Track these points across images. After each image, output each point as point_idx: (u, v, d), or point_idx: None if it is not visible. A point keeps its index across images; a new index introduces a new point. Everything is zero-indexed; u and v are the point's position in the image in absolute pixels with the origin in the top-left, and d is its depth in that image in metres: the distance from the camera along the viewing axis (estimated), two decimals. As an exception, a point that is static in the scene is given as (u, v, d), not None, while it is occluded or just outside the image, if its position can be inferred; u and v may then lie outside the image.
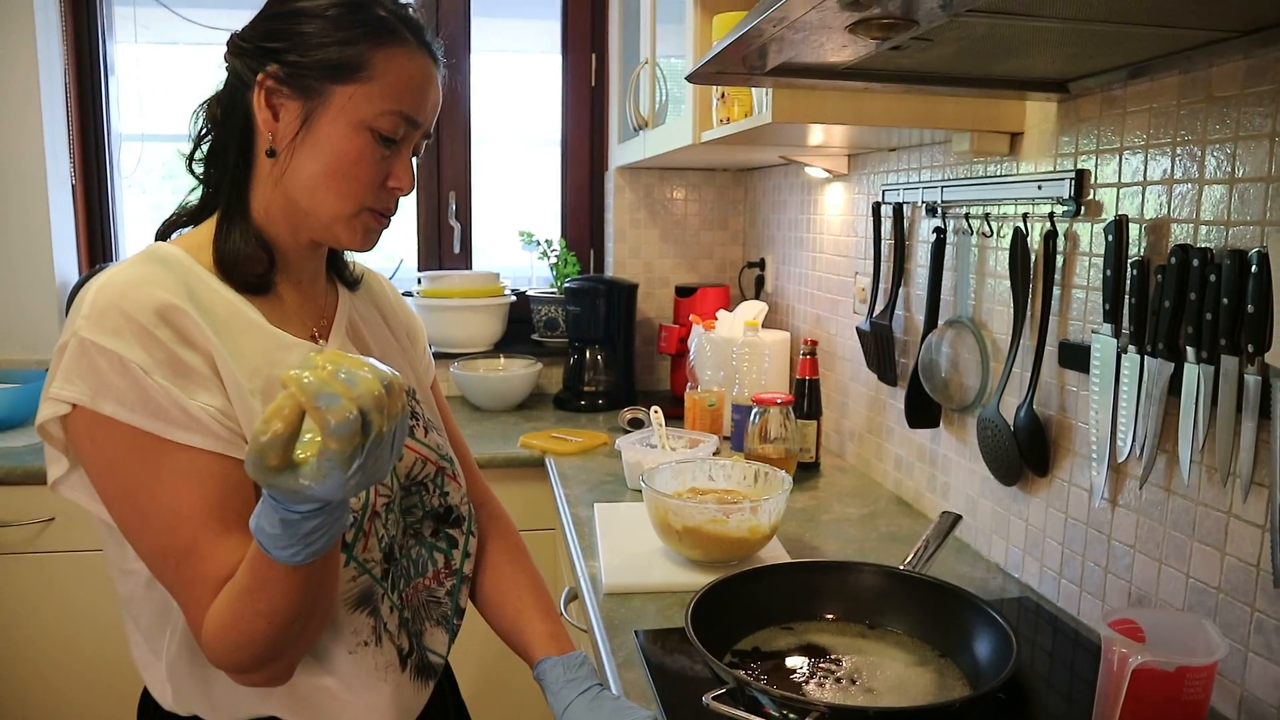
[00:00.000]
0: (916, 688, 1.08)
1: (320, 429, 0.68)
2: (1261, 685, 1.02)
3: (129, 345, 0.81)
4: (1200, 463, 1.09)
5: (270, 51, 0.90)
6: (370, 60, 0.89)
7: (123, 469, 0.83)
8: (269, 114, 0.90)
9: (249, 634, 0.81)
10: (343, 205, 0.93)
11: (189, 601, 0.83)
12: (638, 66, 2.24)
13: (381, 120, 0.90)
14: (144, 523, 0.84)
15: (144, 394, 0.81)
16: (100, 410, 0.81)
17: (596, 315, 2.67)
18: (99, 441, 0.82)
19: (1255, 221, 1.01)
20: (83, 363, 0.81)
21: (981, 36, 0.97)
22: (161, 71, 2.96)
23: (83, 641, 2.18)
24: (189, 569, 0.82)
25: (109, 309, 0.82)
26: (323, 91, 0.89)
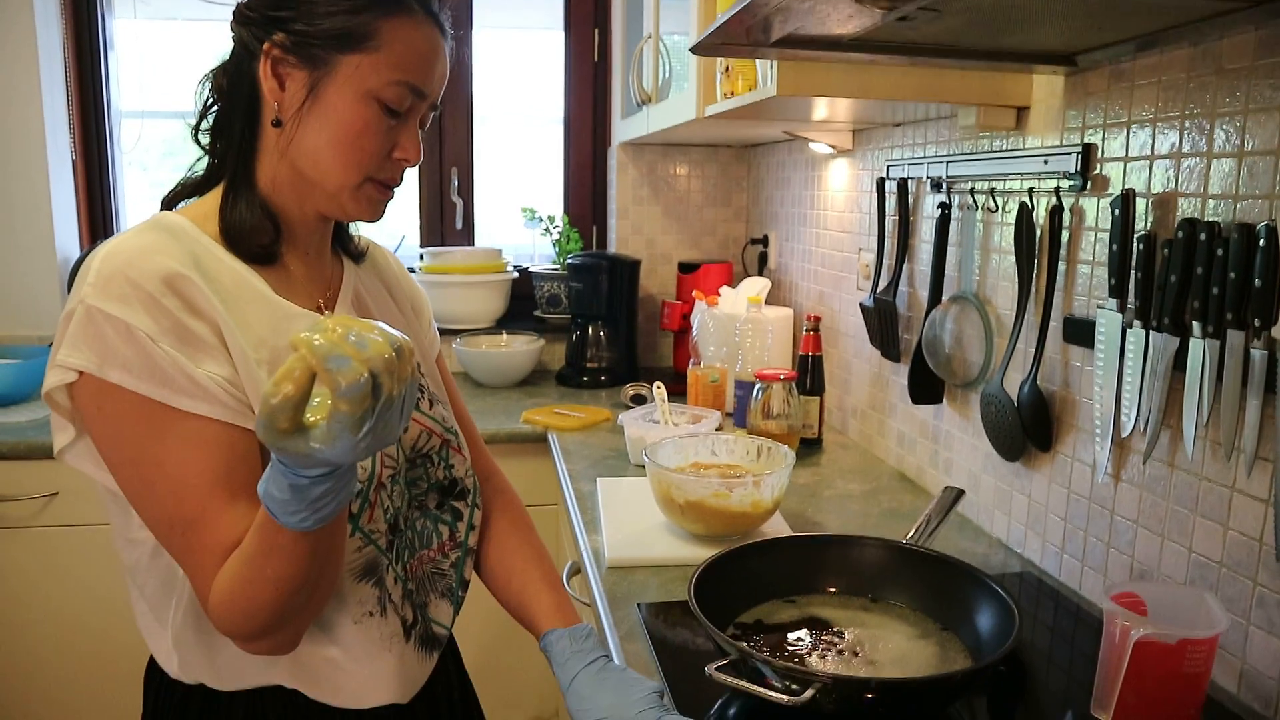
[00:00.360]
0: (918, 660, 1.08)
1: (331, 391, 0.68)
2: (1262, 659, 1.03)
3: (136, 313, 0.81)
4: (1204, 438, 1.09)
5: (277, 20, 0.89)
6: (377, 30, 0.89)
7: (129, 437, 0.82)
8: (275, 83, 0.90)
9: (256, 601, 0.81)
10: (348, 175, 0.92)
11: (196, 569, 0.83)
12: (641, 41, 2.22)
13: (388, 91, 0.90)
14: (150, 491, 0.83)
15: (151, 362, 0.81)
16: (107, 378, 0.80)
17: (599, 291, 2.67)
18: (106, 409, 0.82)
19: (1264, 195, 1.00)
20: (90, 330, 0.81)
21: (989, 7, 0.96)
22: (162, 47, 2.95)
23: (86, 616, 2.20)
24: (196, 537, 0.82)
25: (115, 276, 0.82)
26: (329, 61, 0.89)
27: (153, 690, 1.00)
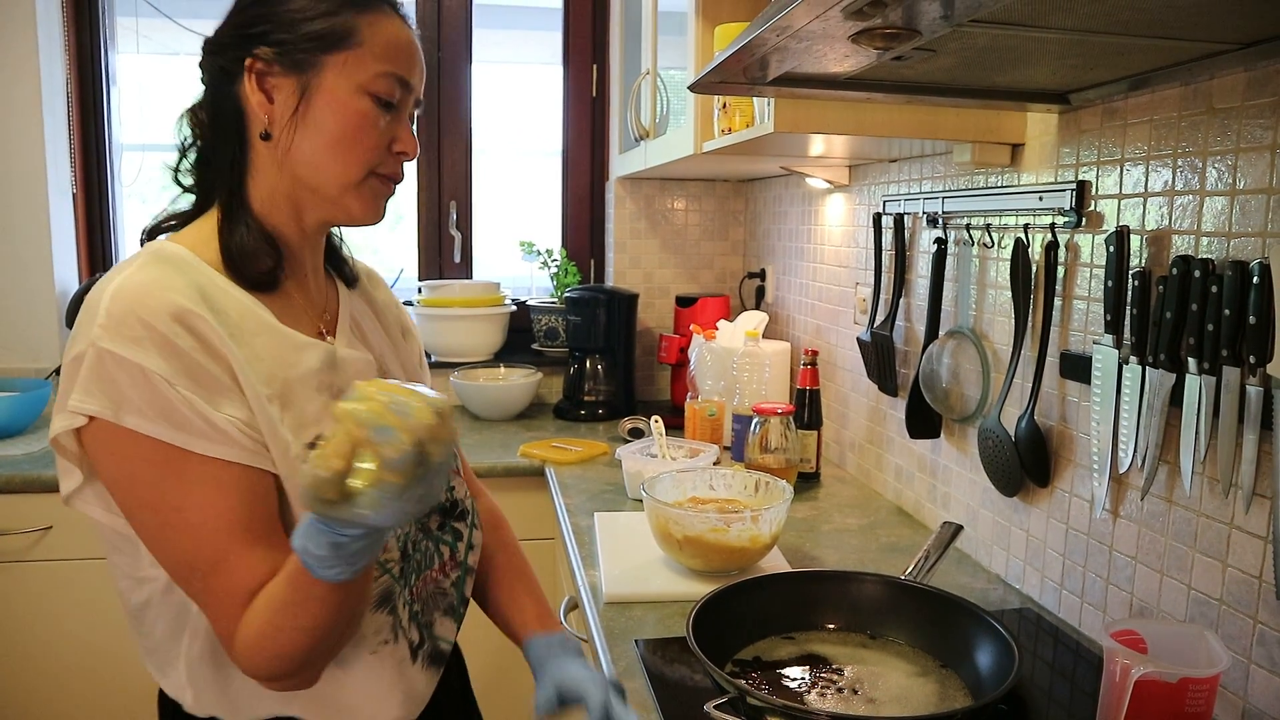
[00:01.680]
0: (918, 698, 1.08)
1: (377, 463, 0.68)
2: (1264, 697, 1.02)
3: (150, 355, 0.80)
4: (1202, 474, 1.09)
5: (253, 37, 0.89)
6: (357, 26, 0.90)
7: (147, 482, 0.81)
8: (263, 97, 0.90)
9: (288, 646, 0.82)
10: (349, 172, 0.92)
11: (218, 613, 0.83)
12: (639, 77, 2.25)
13: (378, 83, 0.91)
14: (169, 535, 0.83)
15: (167, 406, 0.80)
16: (123, 423, 0.79)
17: (597, 325, 2.67)
18: (120, 455, 0.81)
19: (1256, 233, 1.01)
20: (102, 374, 0.79)
21: (983, 47, 0.97)
22: (163, 81, 2.97)
23: (81, 649, 2.17)
24: (218, 581, 0.82)
25: (127, 316, 0.80)
26: (316, 63, 0.89)
27: (164, 712, 0.99)
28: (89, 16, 2.74)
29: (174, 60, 2.99)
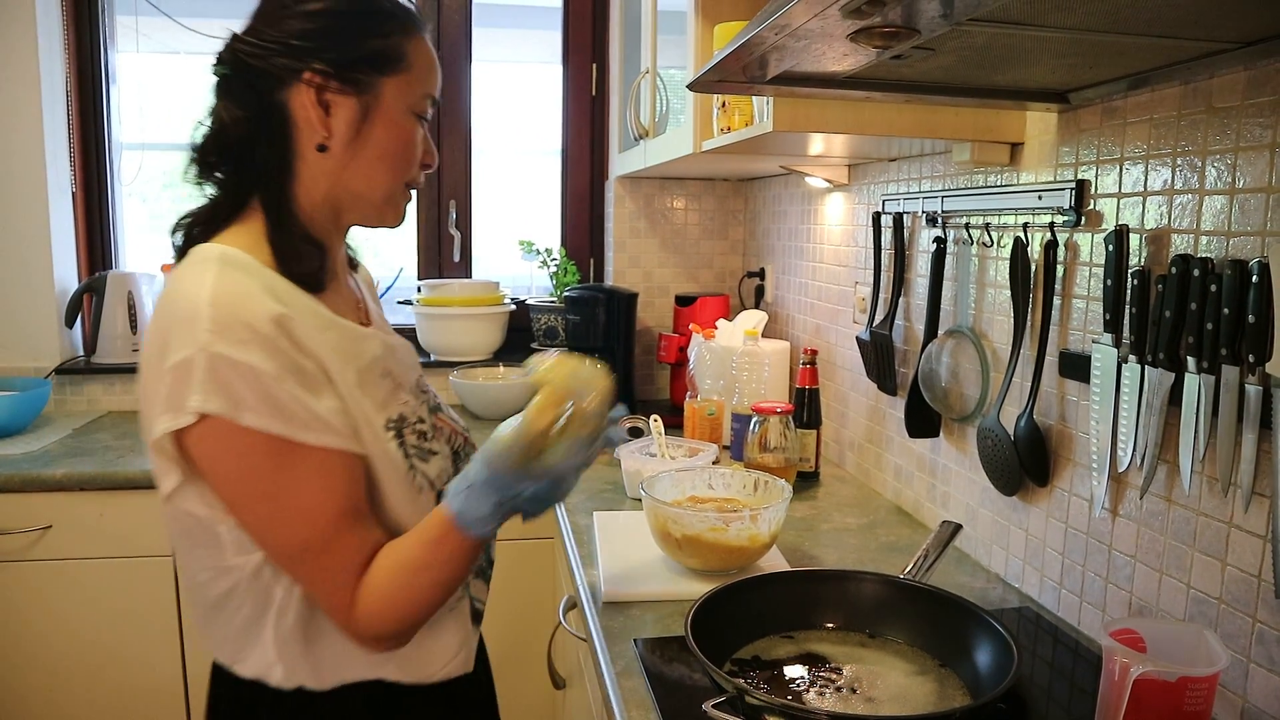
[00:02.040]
0: (917, 697, 1.08)
1: (576, 418, 0.86)
2: (1263, 696, 1.02)
3: (258, 356, 0.85)
4: (1201, 473, 1.09)
5: (307, 50, 0.92)
6: (405, 50, 0.97)
7: (261, 473, 0.87)
8: (320, 111, 0.94)
9: (417, 605, 0.93)
10: (395, 185, 1.00)
11: (334, 588, 0.90)
12: (639, 76, 2.25)
13: (421, 103, 1.00)
14: (282, 521, 0.89)
15: (277, 402, 0.86)
16: (241, 421, 0.84)
17: (596, 324, 2.67)
18: (236, 450, 0.86)
19: (1256, 232, 1.01)
20: (217, 376, 0.84)
21: (982, 46, 0.97)
22: (163, 80, 2.97)
23: (81, 648, 2.17)
24: (331, 559, 0.90)
25: (232, 322, 0.85)
26: (375, 84, 0.95)
27: (235, 700, 1.01)
28: (89, 15, 2.75)
29: (174, 59, 2.99)
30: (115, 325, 2.71)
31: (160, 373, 0.86)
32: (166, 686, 2.22)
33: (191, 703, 2.24)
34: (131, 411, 2.74)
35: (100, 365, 2.72)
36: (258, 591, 0.95)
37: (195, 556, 0.96)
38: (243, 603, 0.96)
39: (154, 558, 2.17)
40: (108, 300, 2.69)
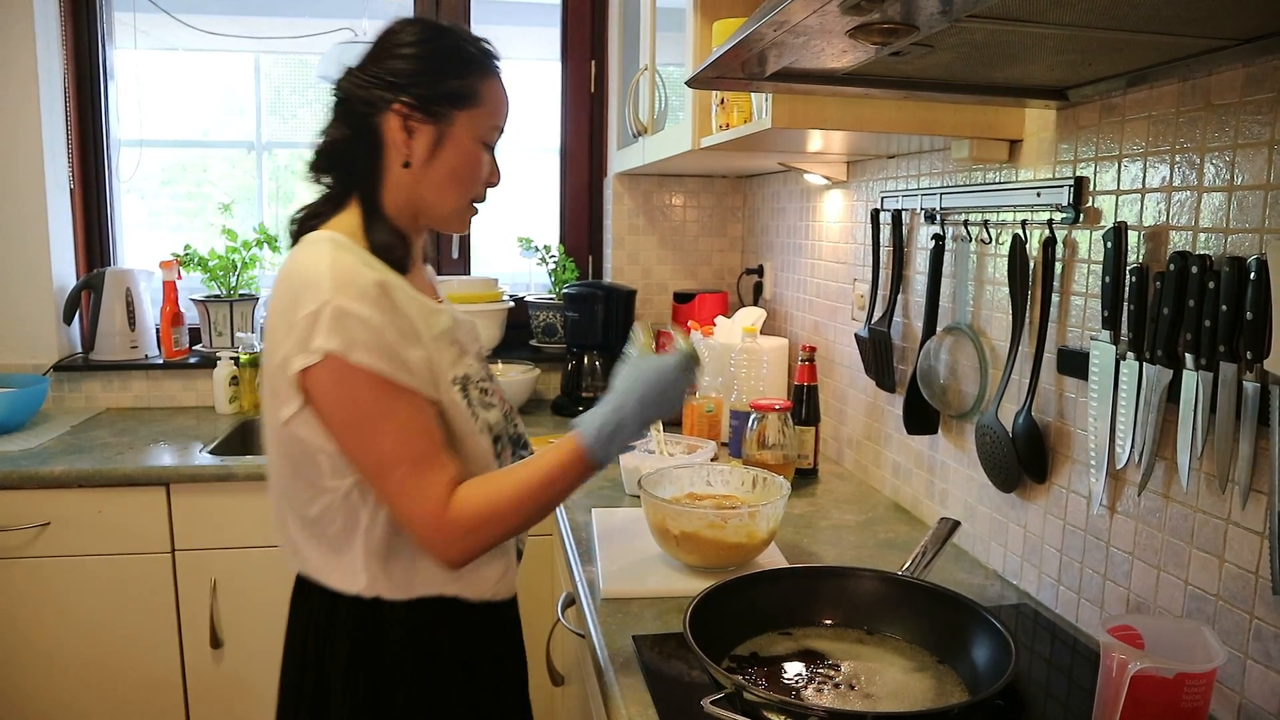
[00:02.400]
0: (915, 693, 1.08)
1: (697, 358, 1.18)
2: (1260, 693, 1.02)
3: (370, 310, 1.06)
4: (1199, 470, 1.09)
5: (399, 86, 1.14)
6: (479, 89, 1.17)
7: (365, 401, 1.06)
8: (405, 135, 1.14)
9: (521, 522, 1.12)
10: (461, 200, 1.21)
11: (425, 496, 1.08)
12: (637, 73, 2.25)
13: (490, 135, 1.21)
14: (381, 440, 1.07)
15: (381, 346, 1.06)
16: (351, 358, 1.04)
17: (595, 321, 2.67)
18: (348, 382, 1.05)
19: (1254, 229, 1.01)
20: (338, 323, 1.04)
21: (981, 43, 0.97)
22: (161, 77, 2.97)
23: (79, 645, 2.18)
24: (424, 473, 1.08)
25: (350, 282, 1.06)
26: (450, 116, 1.15)
27: (318, 609, 1.19)
28: (86, 11, 2.74)
29: (172, 55, 2.99)
30: (113, 322, 2.70)
31: (291, 323, 1.06)
32: (165, 682, 2.22)
33: (190, 697, 2.25)
34: (130, 408, 2.74)
35: (98, 362, 2.72)
36: (348, 511, 1.14)
37: (298, 480, 1.15)
38: (334, 519, 1.14)
39: (152, 554, 2.17)
40: (106, 297, 2.69)
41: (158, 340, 2.83)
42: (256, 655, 2.25)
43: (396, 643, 1.17)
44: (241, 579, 2.22)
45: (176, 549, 2.18)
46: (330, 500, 1.14)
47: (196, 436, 2.44)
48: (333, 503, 1.14)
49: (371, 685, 1.17)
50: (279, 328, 1.09)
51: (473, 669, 1.23)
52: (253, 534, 2.21)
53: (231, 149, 3.15)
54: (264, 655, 2.25)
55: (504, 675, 1.30)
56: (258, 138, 3.13)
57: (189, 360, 2.79)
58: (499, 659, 1.29)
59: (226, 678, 2.25)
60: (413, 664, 1.18)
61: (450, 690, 1.20)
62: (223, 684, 2.26)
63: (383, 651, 1.17)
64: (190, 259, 2.80)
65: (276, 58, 3.14)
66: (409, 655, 1.18)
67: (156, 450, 2.29)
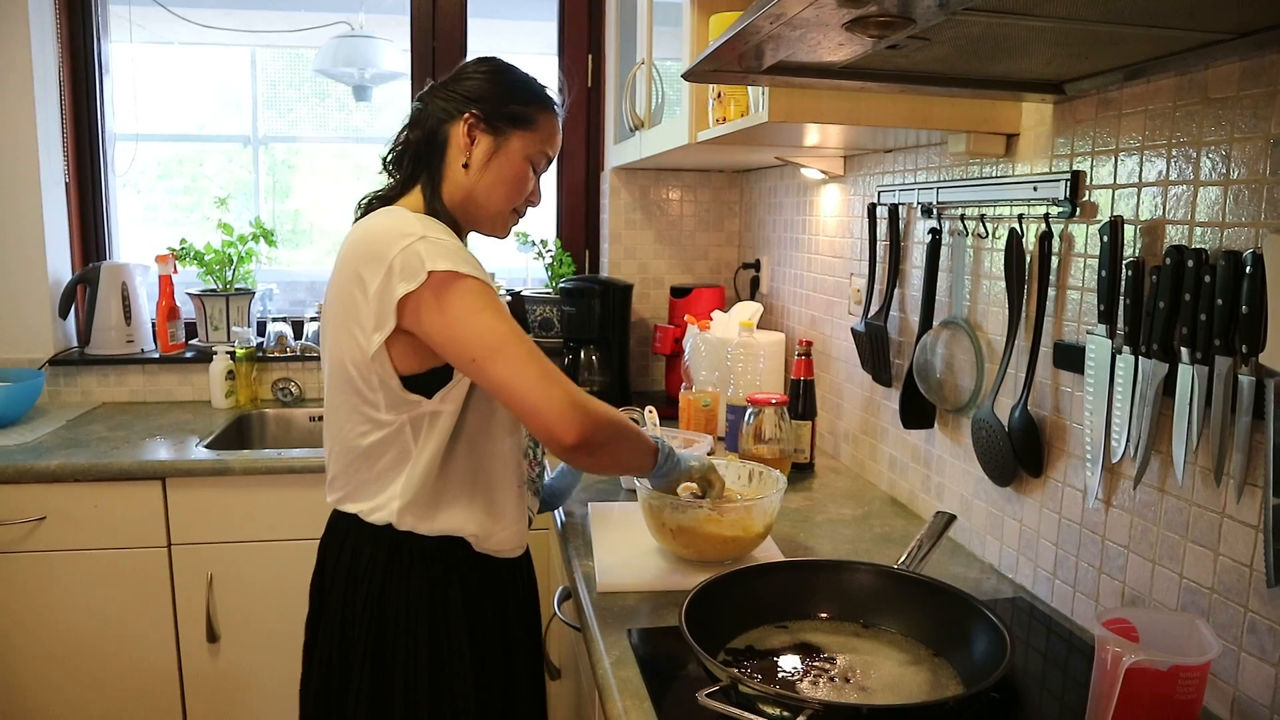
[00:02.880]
0: (910, 686, 1.08)
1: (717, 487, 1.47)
2: (1254, 686, 1.02)
3: (452, 237, 1.25)
4: (1194, 463, 1.09)
5: (473, 101, 1.33)
6: (537, 118, 1.36)
7: (474, 298, 1.19)
8: (467, 141, 1.33)
9: (621, 438, 1.28)
10: (505, 206, 1.38)
11: (550, 368, 1.19)
12: (634, 67, 2.24)
13: (538, 158, 1.38)
14: (492, 325, 1.18)
15: (476, 266, 1.22)
16: (456, 269, 1.19)
17: (591, 315, 2.67)
18: (455, 288, 1.19)
19: (1250, 223, 1.01)
20: (436, 248, 1.20)
21: (978, 36, 0.97)
22: (157, 71, 2.96)
23: (74, 640, 2.18)
24: (541, 358, 1.19)
25: (433, 224, 1.26)
26: (507, 134, 1.34)
27: (353, 535, 1.34)
28: (81, 5, 2.73)
29: (167, 49, 2.98)
30: (109, 316, 2.70)
31: (382, 264, 1.20)
32: (162, 676, 2.22)
33: (186, 691, 2.25)
34: (126, 403, 2.74)
35: (94, 356, 2.71)
36: (400, 445, 1.29)
37: (357, 414, 1.29)
38: (386, 451, 1.29)
39: (148, 548, 2.17)
40: (101, 291, 2.68)
41: (154, 334, 2.82)
42: (253, 649, 2.26)
43: (414, 584, 1.31)
44: (238, 573, 2.22)
45: (173, 543, 2.18)
46: (385, 433, 1.29)
47: (193, 431, 2.43)
48: (386, 436, 1.29)
49: (387, 621, 1.31)
50: (366, 268, 1.22)
51: (478, 619, 1.35)
52: (249, 528, 2.21)
53: (228, 143, 3.15)
54: (261, 649, 2.26)
55: (509, 631, 1.40)
56: (254, 132, 3.13)
57: (185, 355, 2.78)
58: (504, 613, 1.39)
59: (223, 672, 2.26)
60: (425, 603, 1.31)
61: (453, 633, 1.32)
62: (219, 678, 2.26)
63: (402, 593, 1.31)
64: (186, 253, 2.79)
65: (273, 51, 3.14)
66: (422, 593, 1.31)
67: (153, 445, 2.29)
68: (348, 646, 1.34)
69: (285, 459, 2.20)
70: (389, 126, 3.24)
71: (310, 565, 1.45)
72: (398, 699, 1.31)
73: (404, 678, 1.30)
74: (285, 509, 2.22)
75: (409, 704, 1.30)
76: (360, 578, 1.32)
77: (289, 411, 2.74)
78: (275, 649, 2.26)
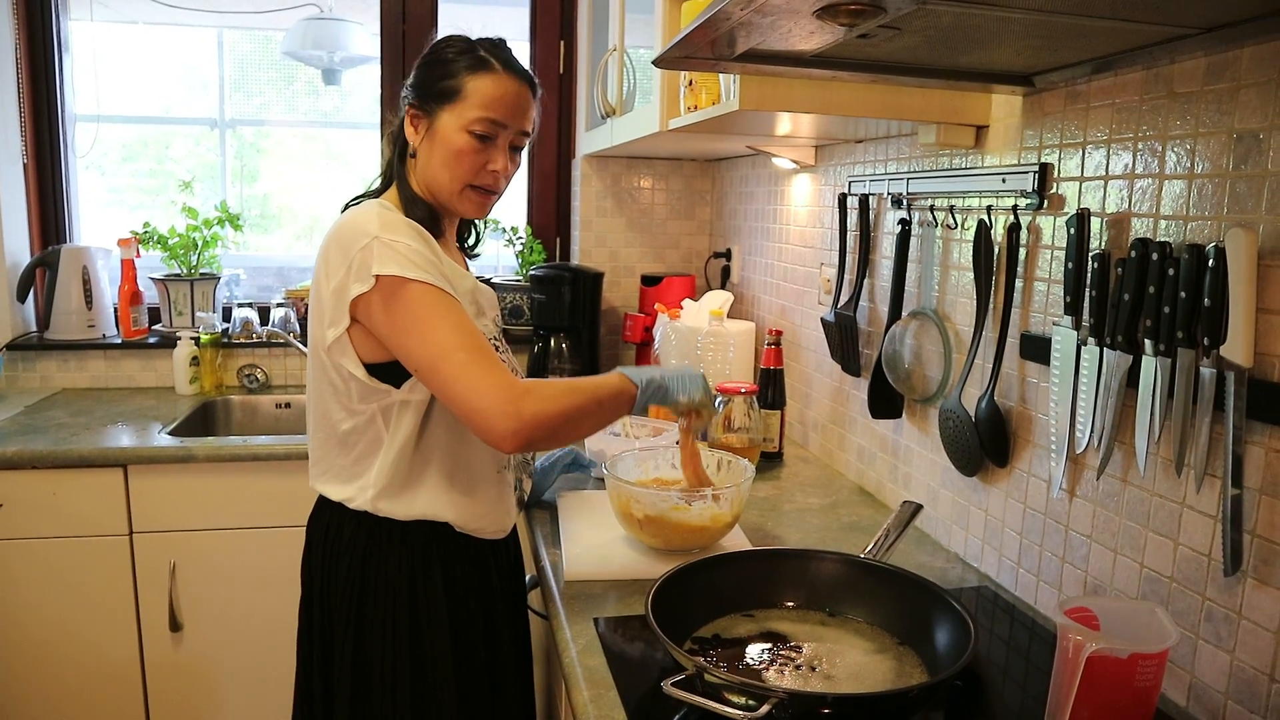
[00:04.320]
0: (875, 675, 1.09)
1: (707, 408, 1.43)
2: (1210, 672, 1.04)
3: (413, 239, 1.24)
4: (1156, 454, 1.10)
5: (413, 88, 1.36)
6: (464, 85, 1.31)
7: (418, 305, 1.20)
8: (411, 129, 1.36)
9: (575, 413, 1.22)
10: (452, 185, 1.34)
11: (486, 374, 1.17)
12: (606, 54, 2.23)
13: (477, 125, 1.31)
14: (436, 335, 1.19)
15: (431, 265, 1.23)
16: (402, 275, 1.20)
17: (562, 303, 2.66)
18: (400, 295, 1.20)
19: (1213, 216, 1.02)
20: (388, 250, 1.21)
21: (948, 26, 0.97)
22: (120, 51, 2.90)
23: (33, 629, 2.14)
24: (484, 359, 1.18)
25: (395, 224, 1.25)
26: (435, 110, 1.33)
27: (331, 520, 1.37)
28: (40, -19, 2.67)
29: (130, 29, 2.92)
30: (70, 300, 2.65)
31: (344, 258, 1.22)
32: (123, 664, 2.19)
33: (149, 681, 2.22)
34: (87, 389, 2.69)
35: (54, 341, 2.66)
36: (374, 432, 1.31)
37: (334, 401, 1.32)
38: (361, 439, 1.32)
39: (108, 537, 2.13)
40: (61, 274, 2.63)
41: (116, 319, 2.77)
42: (216, 638, 2.23)
43: (393, 562, 1.33)
44: (201, 562, 2.19)
45: (134, 531, 2.15)
46: (358, 421, 1.32)
47: (156, 417, 2.40)
48: (360, 424, 1.32)
49: (367, 597, 1.34)
50: (331, 262, 1.25)
51: (458, 601, 1.36)
52: (213, 516, 2.18)
53: (194, 126, 3.10)
54: (224, 638, 2.24)
55: (492, 612, 1.41)
56: (220, 114, 3.08)
57: (148, 340, 2.74)
58: (487, 596, 1.41)
59: (186, 661, 2.23)
60: (406, 579, 1.33)
61: (435, 618, 1.34)
62: (182, 667, 2.23)
63: (381, 569, 1.33)
64: (150, 237, 2.75)
65: (240, 33, 3.08)
66: (403, 576, 1.33)
67: (114, 431, 2.26)
68: (330, 625, 1.37)
69: (250, 446, 2.18)
70: (359, 111, 3.22)
71: (275, 553, 1.45)
72: (376, 675, 1.33)
73: (383, 654, 1.33)
74: (250, 497, 2.19)
75: (389, 680, 1.33)
76: (341, 555, 1.35)
77: (255, 398, 2.71)
78: (238, 637, 2.24)
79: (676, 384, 1.36)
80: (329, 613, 1.38)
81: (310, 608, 1.43)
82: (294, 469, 2.17)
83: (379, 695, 1.33)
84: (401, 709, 1.33)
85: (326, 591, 1.38)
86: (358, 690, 1.34)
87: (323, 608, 1.39)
